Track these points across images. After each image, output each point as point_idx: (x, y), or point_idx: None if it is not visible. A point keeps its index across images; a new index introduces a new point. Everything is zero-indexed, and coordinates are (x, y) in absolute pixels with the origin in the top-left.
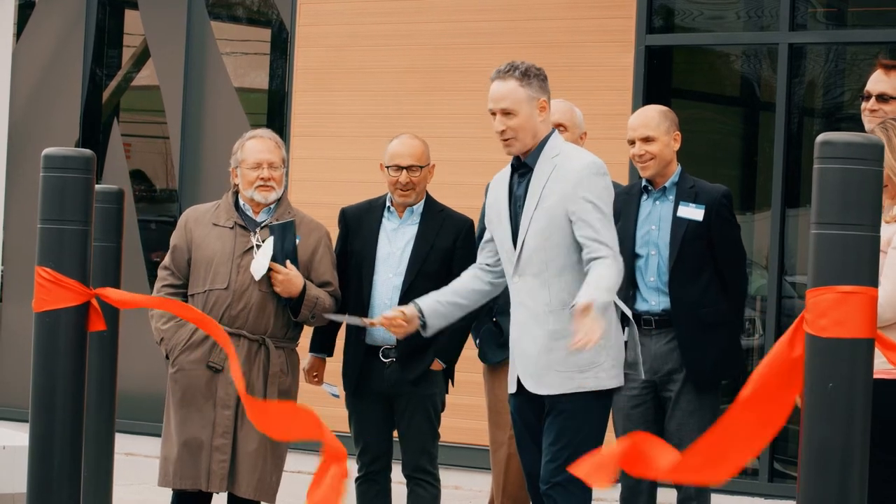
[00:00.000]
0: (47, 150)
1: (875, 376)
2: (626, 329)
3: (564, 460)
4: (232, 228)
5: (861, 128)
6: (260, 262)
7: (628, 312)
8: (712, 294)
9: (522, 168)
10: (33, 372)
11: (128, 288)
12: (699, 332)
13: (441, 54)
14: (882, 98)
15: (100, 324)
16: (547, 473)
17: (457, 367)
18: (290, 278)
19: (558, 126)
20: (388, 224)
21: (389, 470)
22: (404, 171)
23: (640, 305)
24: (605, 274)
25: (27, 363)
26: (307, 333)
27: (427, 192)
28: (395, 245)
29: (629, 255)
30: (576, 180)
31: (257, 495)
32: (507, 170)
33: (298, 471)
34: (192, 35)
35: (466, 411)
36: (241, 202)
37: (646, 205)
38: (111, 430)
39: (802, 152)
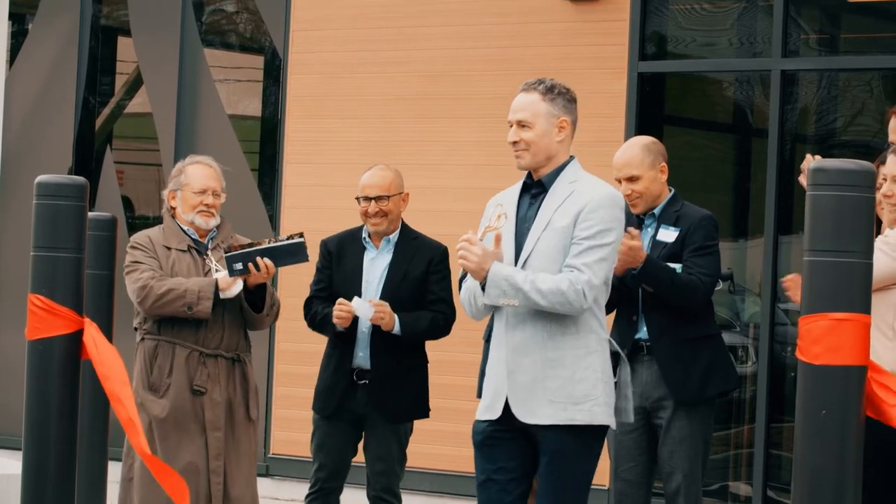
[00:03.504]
0: (40, 178)
1: None
2: (618, 369)
3: None
4: (187, 251)
5: (854, 154)
6: (235, 282)
7: (621, 352)
8: (688, 313)
9: (536, 188)
10: (26, 399)
11: (120, 316)
12: (678, 353)
13: (434, 82)
14: None
15: None
16: None
17: (431, 392)
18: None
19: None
20: (367, 255)
21: (341, 491)
22: (373, 201)
23: (638, 332)
24: (546, 278)
25: (21, 390)
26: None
27: (402, 221)
28: (372, 275)
29: (632, 282)
30: (592, 208)
31: None
32: (516, 189)
33: None
34: (184, 62)
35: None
36: (182, 226)
37: (642, 235)
38: (104, 458)
39: (795, 179)
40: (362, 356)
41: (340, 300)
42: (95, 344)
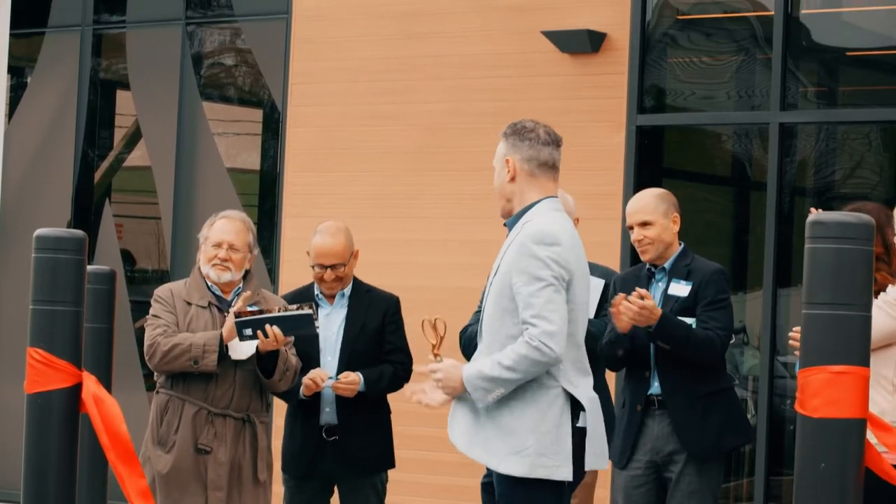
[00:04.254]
0: (39, 231)
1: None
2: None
3: None
4: (207, 308)
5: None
6: (247, 344)
7: (581, 398)
8: (702, 368)
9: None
10: (25, 453)
11: (119, 369)
12: (692, 408)
13: (433, 135)
14: None
15: None
16: None
17: (399, 443)
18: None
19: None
20: (321, 311)
21: None
22: (328, 269)
23: (650, 388)
24: (507, 351)
25: (20, 444)
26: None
27: (354, 276)
28: (329, 330)
29: (643, 338)
30: (519, 251)
31: None
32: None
33: None
34: (183, 115)
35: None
36: (209, 281)
37: (652, 288)
38: None
39: (794, 231)
40: (329, 412)
41: (317, 375)
42: (94, 398)
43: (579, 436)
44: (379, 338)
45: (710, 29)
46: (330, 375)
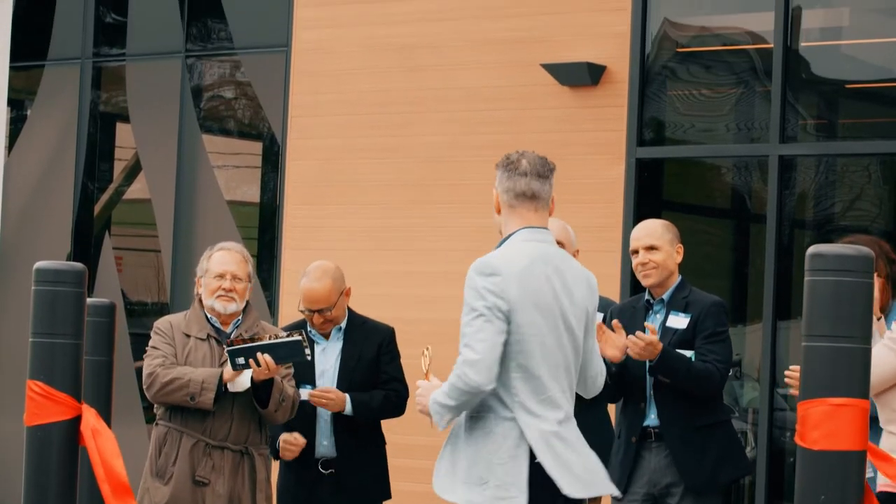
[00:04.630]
0: (39, 264)
1: (879, 489)
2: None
3: None
4: (206, 340)
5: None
6: (245, 376)
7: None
8: (699, 400)
9: None
10: (24, 486)
11: (119, 402)
12: (690, 440)
13: (432, 168)
14: None
15: None
16: None
17: (395, 475)
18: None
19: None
20: (317, 347)
21: None
22: (316, 313)
23: (646, 420)
24: (446, 382)
25: (19, 477)
26: None
27: (348, 307)
28: (325, 364)
29: (640, 370)
30: (465, 282)
31: None
32: None
33: None
34: (183, 148)
35: None
36: (207, 313)
37: (650, 320)
38: None
39: (793, 264)
40: (327, 444)
41: (289, 439)
42: (93, 432)
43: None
44: (375, 369)
45: (709, 61)
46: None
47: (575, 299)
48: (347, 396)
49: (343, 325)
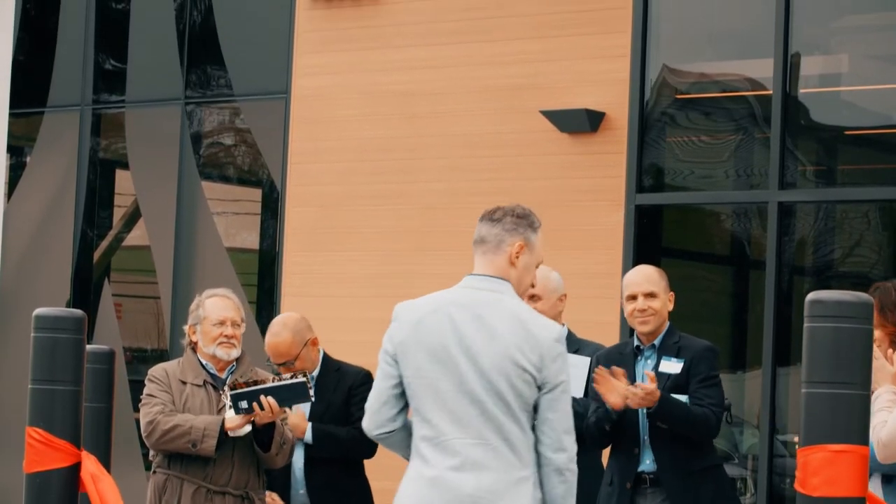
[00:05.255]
0: (38, 311)
1: None
2: None
3: None
4: (202, 386)
5: (852, 286)
6: (243, 423)
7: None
8: (692, 445)
9: None
10: None
11: (118, 449)
12: (685, 485)
13: (432, 214)
14: None
15: None
16: None
17: (379, 500)
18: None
19: (532, 296)
20: None
21: None
22: (283, 366)
23: (641, 465)
24: None
25: None
26: None
27: (323, 352)
28: (299, 408)
29: (634, 416)
30: None
31: None
32: None
33: None
34: (182, 195)
35: None
36: (203, 360)
37: (639, 366)
38: None
39: (793, 310)
40: (302, 493)
41: (271, 500)
42: (93, 478)
43: None
44: (346, 412)
45: (708, 108)
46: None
47: (495, 345)
48: (309, 426)
49: (316, 372)
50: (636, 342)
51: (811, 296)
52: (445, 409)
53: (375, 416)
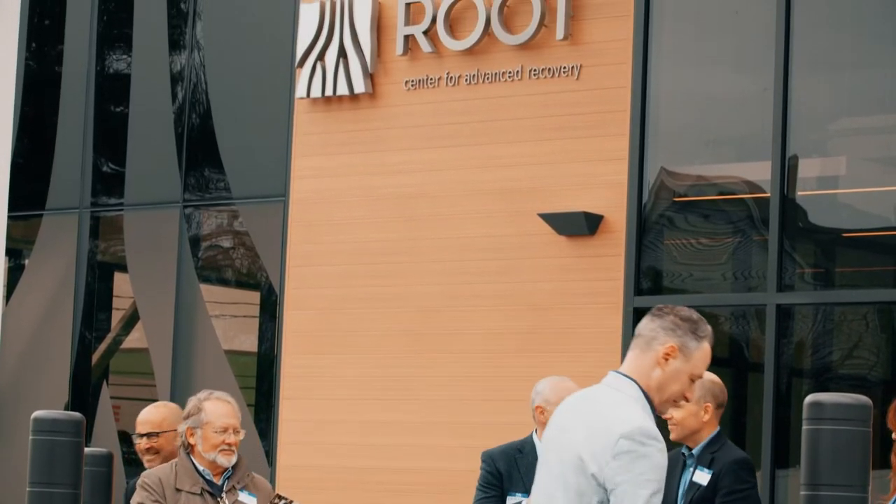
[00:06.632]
0: (37, 413)
1: None
2: None
3: None
4: (199, 494)
5: (850, 388)
6: None
7: None
8: None
9: None
10: None
11: None
12: None
13: (429, 317)
14: None
15: None
16: None
17: None
18: None
19: (538, 408)
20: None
21: None
22: (145, 436)
23: None
24: None
25: None
26: None
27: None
28: None
29: None
30: None
31: None
32: None
33: None
34: (181, 298)
35: None
36: (199, 465)
37: (686, 474)
38: None
39: (792, 413)
40: None
41: None
42: None
43: None
44: None
45: (706, 210)
46: None
47: (565, 438)
48: None
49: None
50: (684, 448)
51: (810, 398)
52: (534, 489)
53: None
